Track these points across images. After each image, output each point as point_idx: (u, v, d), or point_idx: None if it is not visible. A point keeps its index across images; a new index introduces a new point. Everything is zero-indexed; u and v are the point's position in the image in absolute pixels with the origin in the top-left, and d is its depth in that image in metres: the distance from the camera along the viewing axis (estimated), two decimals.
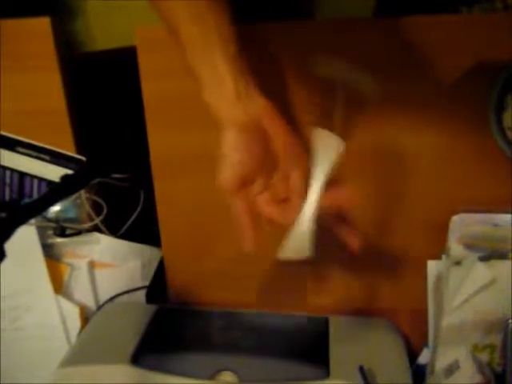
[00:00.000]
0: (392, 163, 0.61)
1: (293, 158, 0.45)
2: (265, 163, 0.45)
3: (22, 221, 0.47)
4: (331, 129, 0.49)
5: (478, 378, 0.59)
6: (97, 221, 0.71)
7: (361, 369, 0.54)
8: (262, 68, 0.49)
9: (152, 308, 0.68)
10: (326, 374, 0.55)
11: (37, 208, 0.50)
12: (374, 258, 0.64)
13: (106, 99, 0.73)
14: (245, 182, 0.44)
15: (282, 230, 0.64)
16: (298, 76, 0.58)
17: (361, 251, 0.63)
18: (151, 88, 0.62)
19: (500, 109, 0.54)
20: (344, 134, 0.59)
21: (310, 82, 0.58)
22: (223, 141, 0.44)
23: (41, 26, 0.65)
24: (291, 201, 0.46)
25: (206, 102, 0.44)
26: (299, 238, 0.47)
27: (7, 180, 0.70)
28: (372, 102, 0.58)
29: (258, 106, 0.43)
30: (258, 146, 0.44)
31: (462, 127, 0.57)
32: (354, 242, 0.49)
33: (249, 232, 0.46)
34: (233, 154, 0.43)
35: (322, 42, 0.57)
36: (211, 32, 0.42)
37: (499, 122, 0.54)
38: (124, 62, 0.66)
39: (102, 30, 0.74)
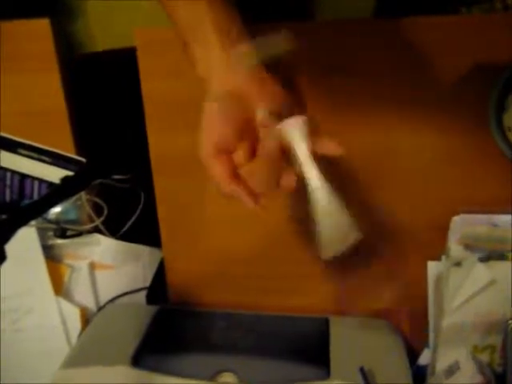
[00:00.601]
0: (392, 163, 0.61)
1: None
2: (244, 135, 0.44)
3: (23, 222, 0.47)
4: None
5: (479, 378, 0.59)
6: (97, 222, 0.71)
7: (361, 370, 0.54)
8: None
9: (152, 309, 0.68)
10: (327, 375, 0.55)
11: (37, 209, 0.50)
12: (374, 258, 0.64)
13: (105, 100, 0.73)
14: (221, 150, 0.44)
15: (280, 232, 0.65)
16: (298, 76, 0.58)
17: (361, 252, 0.64)
18: (151, 89, 0.62)
19: (500, 109, 0.54)
20: (344, 134, 0.60)
21: (309, 82, 0.58)
22: (204, 114, 0.44)
23: (40, 27, 0.65)
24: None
25: (195, 69, 0.45)
26: (339, 226, 0.45)
27: (8, 181, 0.70)
28: (371, 103, 0.58)
29: (245, 76, 0.43)
30: (238, 116, 0.44)
31: (462, 128, 0.57)
32: (290, 180, 0.45)
33: (242, 195, 0.45)
34: (211, 122, 0.44)
35: (322, 43, 0.57)
36: (201, 7, 0.43)
37: (499, 122, 0.54)
38: (124, 62, 0.66)
39: (102, 30, 0.74)
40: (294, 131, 0.43)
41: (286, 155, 0.44)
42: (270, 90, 0.44)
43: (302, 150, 0.43)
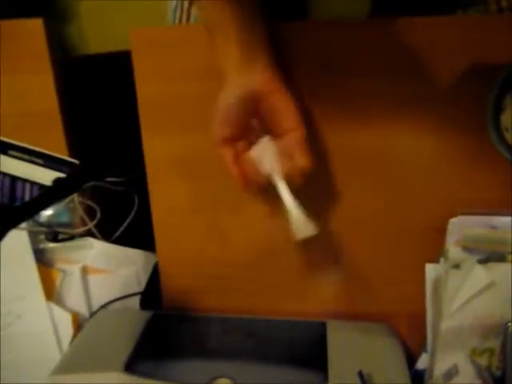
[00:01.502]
0: (389, 165, 0.60)
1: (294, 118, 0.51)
2: (250, 128, 0.53)
3: (13, 224, 0.46)
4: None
5: (477, 382, 0.58)
6: (90, 225, 0.70)
7: (360, 373, 0.53)
8: None
9: (146, 314, 0.67)
10: (325, 380, 0.54)
11: (28, 211, 0.49)
12: (371, 261, 0.63)
13: (99, 102, 0.72)
14: (230, 139, 0.52)
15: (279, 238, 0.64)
16: (295, 76, 0.58)
17: (358, 254, 0.64)
18: (146, 90, 0.61)
19: (498, 110, 0.54)
20: (340, 135, 0.59)
21: (306, 82, 0.58)
22: (221, 96, 0.51)
23: (34, 27, 0.64)
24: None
25: (219, 63, 0.52)
26: (299, 221, 0.51)
27: None
28: (368, 104, 0.58)
29: (260, 80, 0.50)
30: (247, 114, 0.51)
31: (460, 129, 0.57)
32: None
33: (239, 178, 0.53)
34: (223, 114, 0.51)
35: (319, 43, 0.57)
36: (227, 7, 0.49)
37: (497, 123, 0.54)
38: (117, 65, 0.66)
39: (95, 34, 0.74)
40: (263, 156, 0.52)
41: None
42: (281, 99, 0.51)
43: (274, 173, 0.52)
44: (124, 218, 0.71)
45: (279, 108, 0.51)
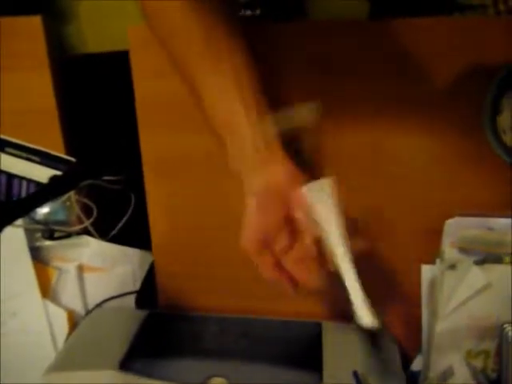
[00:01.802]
0: (386, 166, 0.60)
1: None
2: (285, 224, 0.46)
3: (9, 220, 0.46)
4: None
5: None
6: (86, 223, 0.70)
7: (355, 374, 0.53)
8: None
9: (142, 313, 0.67)
10: (319, 380, 0.54)
11: (24, 208, 0.49)
12: (367, 262, 0.63)
13: (96, 101, 0.72)
14: (265, 242, 0.46)
15: None
16: (292, 77, 0.58)
17: (354, 255, 0.64)
18: (143, 88, 0.62)
19: (495, 112, 0.54)
20: (336, 135, 0.59)
21: (304, 82, 0.58)
22: (246, 204, 0.46)
23: (32, 25, 0.64)
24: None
25: (230, 163, 0.47)
26: (363, 309, 0.47)
27: None
28: (365, 105, 0.58)
29: (279, 173, 0.46)
30: (278, 209, 0.46)
31: (457, 130, 0.57)
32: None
33: (285, 283, 0.48)
34: (252, 216, 0.46)
35: (318, 44, 0.57)
36: (233, 97, 0.45)
37: (494, 124, 0.54)
38: (116, 63, 0.66)
39: (94, 33, 0.74)
40: (318, 195, 0.45)
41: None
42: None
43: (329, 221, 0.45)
44: (120, 216, 0.71)
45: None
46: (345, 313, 0.65)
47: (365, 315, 0.45)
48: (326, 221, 0.45)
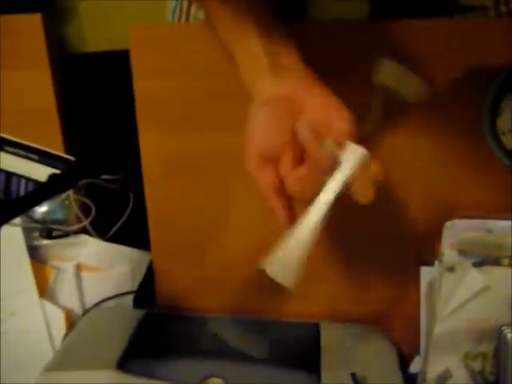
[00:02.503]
0: (386, 168, 0.60)
1: (335, 118, 0.43)
2: (290, 142, 0.42)
3: (6, 218, 0.46)
4: None
5: None
6: (85, 223, 0.70)
7: (353, 375, 0.53)
8: None
9: (139, 313, 0.67)
10: (317, 381, 0.54)
11: (22, 206, 0.49)
12: (366, 263, 0.63)
13: (96, 99, 0.72)
14: (267, 159, 0.42)
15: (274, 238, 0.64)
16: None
17: (353, 256, 0.64)
18: (143, 87, 0.61)
19: (494, 113, 0.54)
20: None
21: None
22: (250, 120, 0.43)
23: (32, 23, 0.64)
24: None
25: (240, 76, 0.44)
26: (288, 261, 0.42)
27: None
28: (365, 106, 0.58)
29: (293, 81, 0.42)
30: (287, 120, 0.42)
31: (457, 132, 0.57)
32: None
33: (280, 210, 0.44)
34: (259, 126, 0.42)
35: (318, 44, 0.57)
36: (244, 9, 0.42)
37: (493, 126, 0.54)
38: (115, 62, 0.66)
39: (94, 32, 0.74)
40: (351, 158, 0.42)
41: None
42: (320, 97, 0.43)
43: (342, 175, 0.42)
44: (119, 216, 0.71)
45: (324, 111, 0.42)
46: (343, 314, 0.65)
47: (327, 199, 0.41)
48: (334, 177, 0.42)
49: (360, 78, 0.58)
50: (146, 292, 0.71)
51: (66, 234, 0.70)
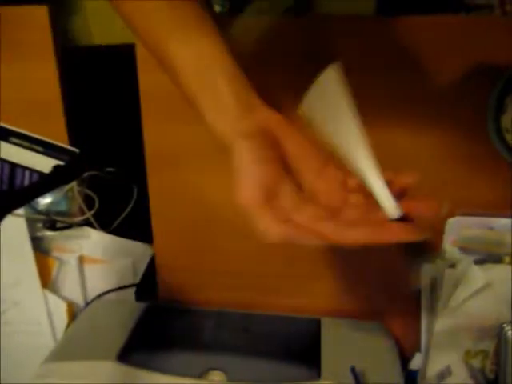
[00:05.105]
0: (388, 164, 0.60)
1: (315, 157, 0.41)
2: (285, 172, 0.40)
3: (11, 208, 0.46)
4: None
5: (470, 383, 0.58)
6: (88, 215, 0.70)
7: (352, 369, 0.53)
8: (261, 63, 0.48)
9: (141, 306, 0.67)
10: (317, 376, 0.54)
11: (26, 197, 0.49)
12: (367, 259, 0.63)
13: (100, 92, 0.72)
14: (270, 194, 0.38)
15: None
16: (293, 73, 0.58)
17: (354, 252, 0.64)
18: (148, 81, 0.62)
19: (498, 111, 0.54)
20: None
21: (307, 80, 0.58)
22: (235, 158, 0.39)
23: (38, 15, 0.64)
24: (340, 211, 0.40)
25: (209, 126, 0.41)
26: (389, 200, 0.40)
27: None
28: (368, 102, 0.58)
29: (264, 116, 0.40)
30: (274, 152, 0.39)
31: (460, 129, 0.57)
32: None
33: (302, 237, 0.39)
34: (250, 164, 0.38)
35: (321, 40, 0.57)
36: (205, 54, 0.40)
37: (497, 123, 0.54)
38: (121, 55, 0.66)
39: (100, 25, 0.74)
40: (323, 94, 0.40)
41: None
42: (292, 127, 0.41)
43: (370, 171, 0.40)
44: (122, 208, 0.71)
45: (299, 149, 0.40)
46: (344, 310, 0.65)
47: (391, 207, 0.38)
48: (339, 121, 0.39)
49: (363, 75, 0.58)
50: (147, 285, 0.71)
51: (69, 226, 0.71)
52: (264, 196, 0.38)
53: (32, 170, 0.68)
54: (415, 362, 0.63)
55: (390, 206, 0.39)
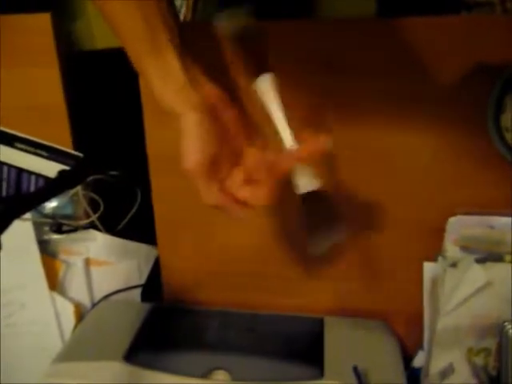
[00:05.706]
0: (389, 164, 0.61)
1: (246, 133, 0.45)
2: (226, 144, 0.43)
3: (19, 213, 0.47)
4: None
5: (473, 381, 0.58)
6: (93, 218, 0.71)
7: (355, 369, 0.54)
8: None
9: (147, 306, 0.68)
10: (320, 375, 0.55)
11: (33, 201, 0.50)
12: (369, 259, 0.64)
13: (104, 96, 0.73)
14: (213, 163, 0.43)
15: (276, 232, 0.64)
16: (296, 75, 0.58)
17: (357, 252, 0.64)
18: None
19: (498, 110, 0.54)
20: (341, 133, 0.60)
21: (308, 80, 0.58)
22: (183, 128, 0.42)
23: (41, 22, 0.65)
24: (259, 180, 0.44)
25: (155, 93, 0.43)
26: (304, 173, 0.45)
27: (4, 175, 0.70)
28: (369, 103, 0.58)
29: (209, 90, 0.43)
30: (216, 125, 0.43)
31: (460, 128, 0.57)
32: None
33: (237, 212, 0.45)
34: (197, 133, 0.42)
35: (323, 41, 0.57)
36: (156, 22, 0.41)
37: (497, 123, 0.54)
38: (123, 60, 0.66)
39: (102, 30, 0.74)
40: (264, 88, 0.44)
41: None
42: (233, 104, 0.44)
43: (274, 108, 0.44)
44: (127, 211, 0.72)
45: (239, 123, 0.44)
46: (348, 309, 0.66)
47: (288, 137, 0.44)
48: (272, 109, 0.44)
49: (364, 76, 0.58)
50: (153, 286, 0.72)
51: (75, 229, 0.72)
52: (206, 165, 0.42)
53: (38, 175, 0.69)
54: (418, 360, 0.63)
55: (287, 136, 0.44)
